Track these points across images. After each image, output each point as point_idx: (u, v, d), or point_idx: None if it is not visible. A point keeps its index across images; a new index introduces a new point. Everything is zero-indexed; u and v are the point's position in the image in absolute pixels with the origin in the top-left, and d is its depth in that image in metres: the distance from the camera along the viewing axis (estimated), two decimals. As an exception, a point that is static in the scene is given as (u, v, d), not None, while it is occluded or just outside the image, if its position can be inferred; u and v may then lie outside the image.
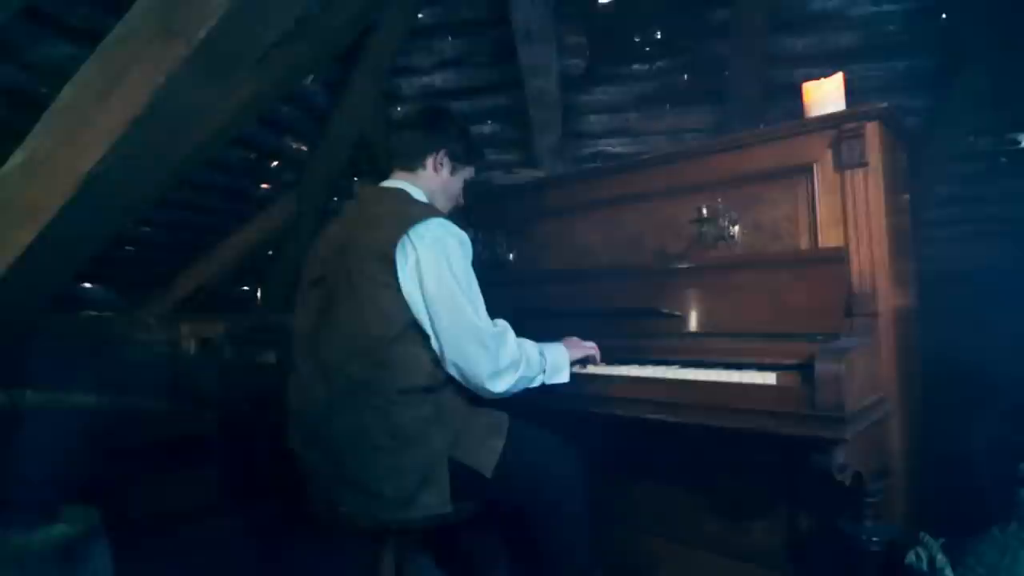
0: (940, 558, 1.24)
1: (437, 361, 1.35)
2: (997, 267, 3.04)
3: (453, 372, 1.35)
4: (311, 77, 2.80)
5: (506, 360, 1.37)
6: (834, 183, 1.58)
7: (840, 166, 1.56)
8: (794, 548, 1.63)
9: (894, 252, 1.58)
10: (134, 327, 3.29)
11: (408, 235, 1.33)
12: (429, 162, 1.59)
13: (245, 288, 4.18)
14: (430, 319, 1.33)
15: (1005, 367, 2.52)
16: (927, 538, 1.30)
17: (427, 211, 1.41)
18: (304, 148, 3.28)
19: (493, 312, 1.43)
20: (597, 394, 1.61)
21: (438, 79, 2.95)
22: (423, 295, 1.33)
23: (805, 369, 1.34)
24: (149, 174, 1.51)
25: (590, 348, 1.64)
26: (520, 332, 1.48)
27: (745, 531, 1.73)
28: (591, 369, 1.65)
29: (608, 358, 1.68)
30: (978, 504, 2.19)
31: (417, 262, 1.33)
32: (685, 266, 1.79)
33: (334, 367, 1.34)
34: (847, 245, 1.54)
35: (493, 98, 2.99)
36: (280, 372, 3.60)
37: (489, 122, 3.12)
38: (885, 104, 1.52)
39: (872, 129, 1.53)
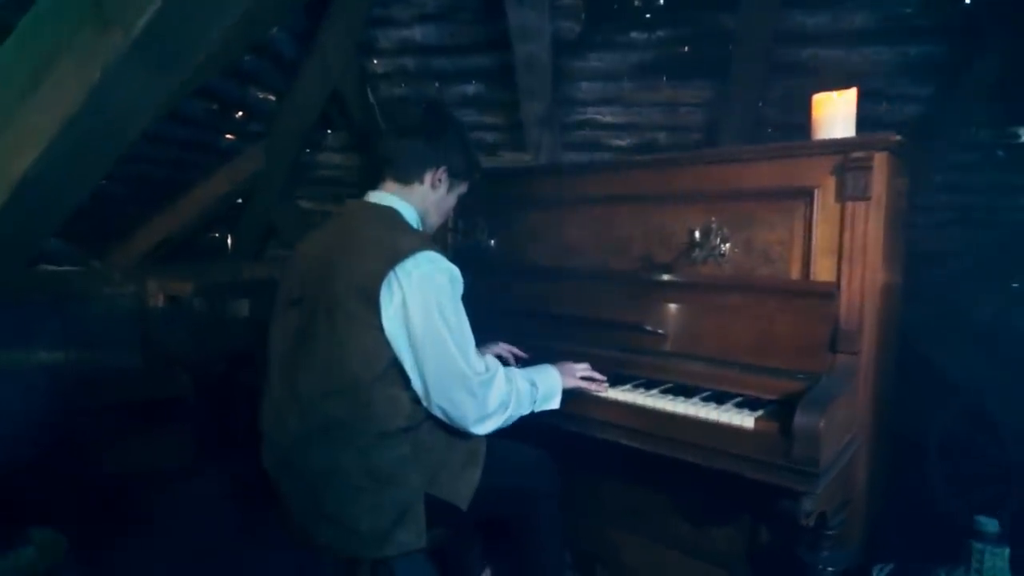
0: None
1: (417, 399, 1.31)
2: (972, 251, 3.11)
3: (438, 414, 1.31)
4: (275, 28, 2.56)
5: (494, 404, 1.34)
6: (834, 212, 1.51)
7: (842, 196, 1.49)
8: (754, 558, 1.69)
9: (886, 286, 1.55)
10: (98, 282, 3.16)
11: (395, 272, 1.25)
12: (427, 178, 1.47)
13: (215, 235, 4.02)
14: (416, 361, 1.27)
15: (966, 357, 2.60)
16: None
17: (416, 242, 1.30)
18: (272, 98, 3.06)
19: (473, 304, 1.37)
20: (577, 414, 1.59)
21: (418, 33, 2.72)
22: (408, 336, 1.26)
23: (785, 408, 1.34)
24: (91, 171, 1.37)
25: (584, 383, 1.58)
26: (501, 329, 1.43)
27: (709, 535, 1.78)
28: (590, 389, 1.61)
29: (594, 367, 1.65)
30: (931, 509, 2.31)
31: (403, 302, 1.25)
32: (672, 280, 1.74)
33: (311, 402, 1.29)
34: (839, 279, 1.50)
35: (478, 58, 2.79)
36: (253, 325, 3.55)
37: (473, 82, 2.92)
38: (898, 137, 1.43)
39: (880, 161, 1.45)
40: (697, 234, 1.71)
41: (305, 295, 1.36)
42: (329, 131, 3.35)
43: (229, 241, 4.05)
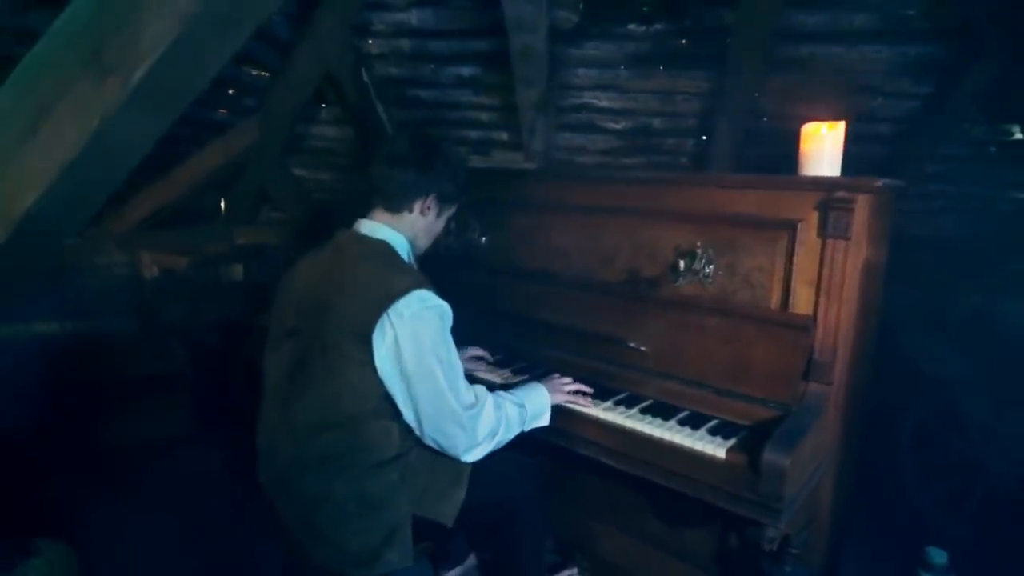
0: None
1: (407, 428, 1.39)
2: (958, 236, 3.19)
3: (431, 444, 1.40)
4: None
5: (483, 434, 1.42)
6: (814, 247, 1.56)
7: (824, 233, 1.53)
8: (723, 560, 1.82)
9: (861, 319, 1.61)
10: (91, 252, 3.18)
11: (387, 313, 1.30)
12: (416, 206, 1.51)
13: (208, 200, 4.00)
14: (408, 397, 1.34)
15: (942, 352, 2.71)
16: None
17: (407, 282, 1.34)
18: (265, 74, 2.99)
19: (466, 301, 1.45)
20: (561, 429, 1.67)
21: (414, 17, 2.64)
22: (401, 373, 1.33)
23: (757, 437, 1.43)
24: (88, 205, 1.39)
25: (573, 398, 1.67)
26: (491, 331, 1.49)
27: (681, 535, 1.91)
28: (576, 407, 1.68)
29: (574, 380, 1.73)
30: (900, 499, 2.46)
31: (396, 341, 1.31)
32: (657, 296, 1.80)
33: (306, 433, 1.36)
34: (816, 312, 1.55)
35: (474, 42, 2.72)
36: (248, 291, 3.59)
37: (468, 65, 2.86)
38: (880, 183, 1.46)
39: (862, 203, 1.48)
40: (683, 254, 1.75)
41: (300, 328, 1.41)
42: (323, 106, 3.29)
43: (222, 205, 4.03)
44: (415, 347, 1.31)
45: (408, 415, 1.36)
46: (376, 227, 1.48)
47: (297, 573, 1.48)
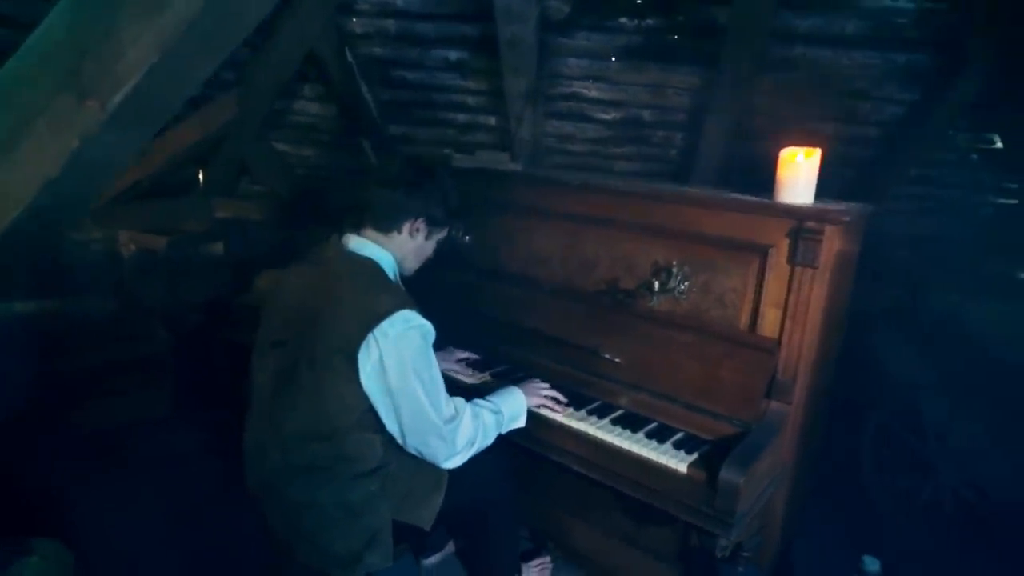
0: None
1: (389, 440, 1.45)
2: (937, 237, 3.27)
3: (413, 452, 1.46)
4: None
5: (462, 444, 1.48)
6: (784, 272, 1.61)
7: (793, 259, 1.58)
8: (684, 556, 1.92)
9: (823, 342, 1.67)
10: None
11: (373, 334, 1.34)
12: (405, 227, 1.53)
13: (187, 172, 3.94)
14: (391, 410, 1.40)
15: (908, 355, 2.81)
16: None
17: (392, 303, 1.38)
18: (245, 48, 2.91)
19: (449, 300, 1.56)
20: (536, 437, 1.74)
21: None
22: (385, 389, 1.38)
23: (717, 451, 1.50)
24: (69, 214, 1.39)
25: (548, 403, 1.73)
26: (474, 332, 1.57)
27: (647, 531, 2.00)
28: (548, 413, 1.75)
29: (551, 385, 1.80)
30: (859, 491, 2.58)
31: (380, 359, 1.35)
32: (633, 309, 1.84)
33: (292, 443, 1.41)
34: (781, 334, 1.62)
35: (462, 26, 2.67)
36: (228, 269, 3.58)
37: (456, 48, 2.82)
38: (848, 218, 1.51)
39: (830, 233, 1.53)
40: (660, 269, 1.80)
41: (287, 340, 1.45)
42: (305, 84, 3.23)
43: (201, 177, 3.97)
44: (399, 365, 1.36)
45: (391, 427, 1.42)
46: (364, 244, 1.50)
47: (282, 569, 1.55)
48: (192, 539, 2.17)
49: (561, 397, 1.76)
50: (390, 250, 1.53)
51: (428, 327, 1.43)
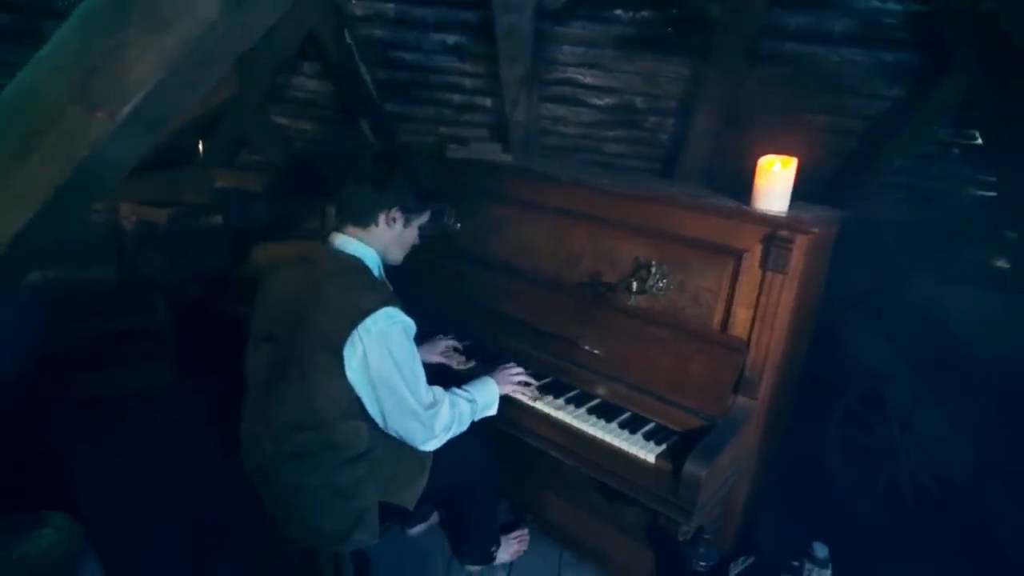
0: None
1: (374, 427, 1.55)
2: (916, 223, 3.37)
3: (394, 435, 1.56)
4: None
5: (440, 429, 1.59)
6: (756, 276, 1.70)
7: (765, 264, 1.67)
8: (652, 533, 2.07)
9: (790, 343, 1.78)
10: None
11: (357, 331, 1.42)
12: (381, 219, 1.59)
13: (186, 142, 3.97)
14: (374, 399, 1.49)
15: (876, 345, 2.94)
16: (728, 574, 1.75)
17: (375, 300, 1.46)
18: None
19: (435, 284, 1.74)
20: (514, 420, 1.86)
21: (399, -13, 2.60)
22: (369, 381, 1.47)
23: (685, 443, 1.62)
24: (76, 214, 1.47)
25: (520, 388, 1.85)
26: (456, 318, 1.80)
27: (619, 509, 2.14)
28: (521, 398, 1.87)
29: (533, 374, 1.92)
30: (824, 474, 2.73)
31: (364, 354, 1.44)
32: (613, 303, 1.94)
33: (283, 432, 1.51)
34: (751, 335, 1.72)
35: (460, 12, 2.69)
36: (230, 241, 3.66)
37: (453, 33, 2.84)
38: (818, 229, 1.59)
39: (801, 243, 1.61)
40: (641, 266, 1.89)
41: (276, 336, 1.53)
42: (305, 62, 3.25)
43: (201, 148, 4.01)
44: (381, 360, 1.45)
45: (374, 413, 1.52)
46: (348, 242, 1.58)
47: (276, 543, 1.69)
48: (191, 508, 2.28)
49: (532, 380, 1.88)
50: (372, 244, 1.59)
51: (409, 323, 1.51)
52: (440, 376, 1.97)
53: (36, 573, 1.46)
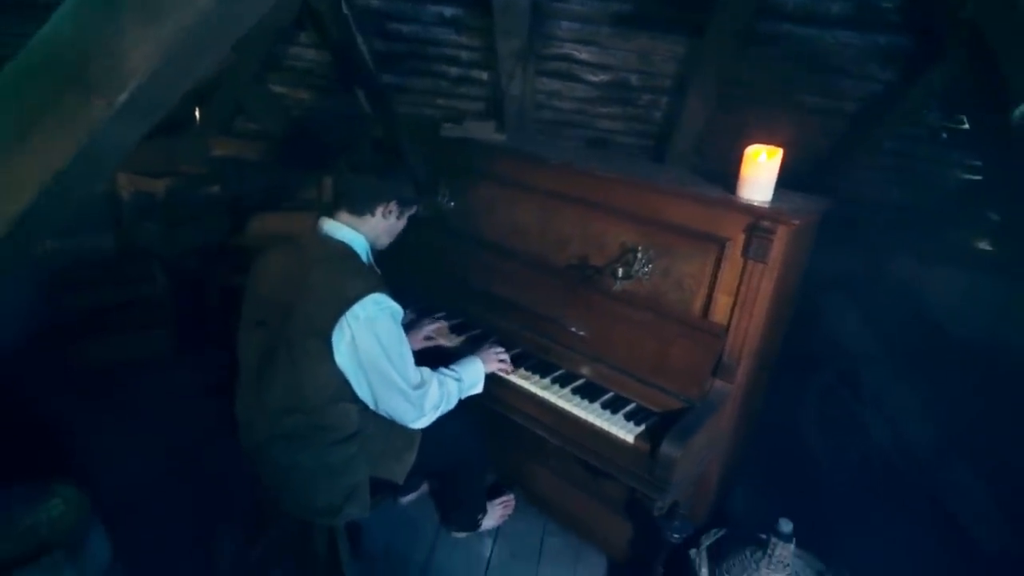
0: (704, 560, 1.80)
1: (364, 408, 1.61)
2: (903, 204, 3.42)
3: (384, 415, 1.63)
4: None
5: (428, 408, 1.66)
6: (737, 264, 1.75)
7: (747, 253, 1.72)
8: (631, 506, 2.17)
9: (768, 329, 1.85)
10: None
11: (345, 317, 1.47)
12: (379, 211, 1.63)
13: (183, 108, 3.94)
14: (364, 382, 1.55)
15: (855, 325, 3.02)
16: (700, 545, 1.85)
17: (363, 287, 1.50)
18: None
19: (427, 261, 1.85)
20: (502, 399, 1.94)
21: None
22: (358, 365, 1.52)
23: (664, 423, 1.71)
24: (76, 199, 1.51)
25: (503, 365, 1.91)
26: (447, 295, 1.89)
27: (600, 482, 2.24)
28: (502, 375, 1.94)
29: (521, 353, 2.00)
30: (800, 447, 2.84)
31: (352, 340, 1.49)
32: (599, 286, 2.00)
33: (275, 414, 1.57)
34: (730, 321, 1.79)
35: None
36: (227, 211, 3.68)
37: (451, 7, 2.81)
38: (799, 221, 1.64)
39: (782, 234, 1.66)
40: (627, 251, 1.94)
41: (267, 320, 1.58)
42: (302, 31, 3.21)
43: (197, 115, 3.99)
44: (370, 345, 1.50)
45: (364, 395, 1.58)
46: (338, 228, 1.61)
47: (272, 515, 1.78)
48: (192, 477, 2.36)
49: (507, 358, 1.95)
50: (363, 232, 1.63)
51: (396, 308, 1.56)
52: (429, 352, 2.05)
53: (46, 542, 1.54)
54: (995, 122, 2.55)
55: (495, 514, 2.33)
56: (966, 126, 2.80)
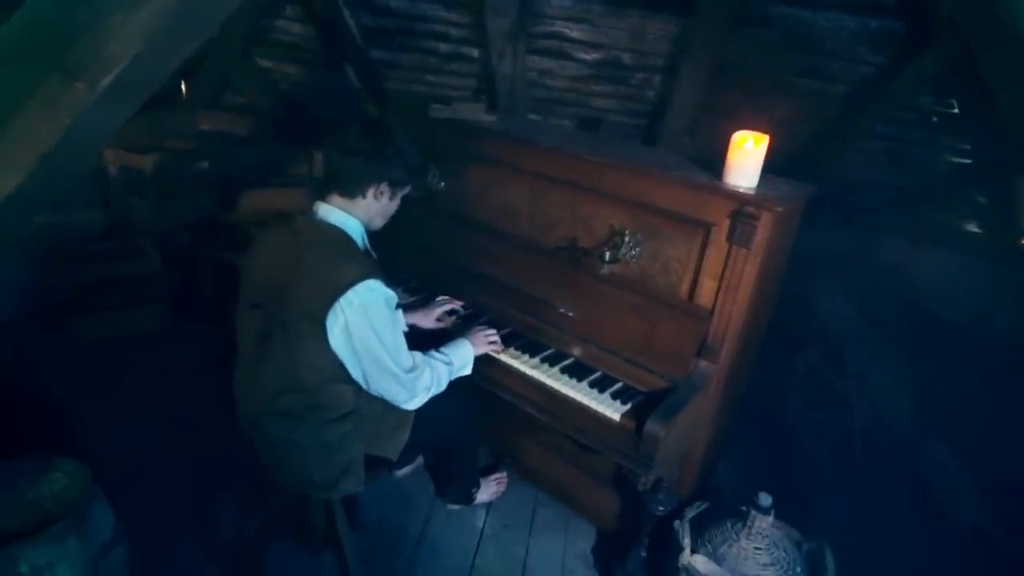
0: (687, 531, 1.88)
1: (358, 388, 1.65)
2: (893, 185, 3.47)
3: (377, 395, 1.66)
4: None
5: (420, 390, 1.69)
6: (722, 249, 1.78)
7: (732, 238, 1.75)
8: (618, 480, 2.24)
9: (751, 313, 1.88)
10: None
11: (339, 302, 1.48)
12: (370, 192, 1.62)
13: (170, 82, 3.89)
14: (357, 365, 1.58)
15: (840, 307, 3.08)
16: (684, 517, 1.92)
17: (356, 272, 1.50)
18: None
19: (418, 242, 1.89)
20: (493, 378, 1.98)
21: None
22: (351, 349, 1.55)
23: (649, 403, 1.75)
24: (61, 184, 1.51)
25: (494, 347, 1.95)
26: (444, 277, 1.92)
27: (588, 457, 2.30)
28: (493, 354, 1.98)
29: (511, 333, 2.03)
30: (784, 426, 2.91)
31: (346, 325, 1.51)
32: (588, 268, 2.02)
33: (270, 394, 1.60)
34: (715, 304, 1.82)
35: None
36: (217, 186, 3.66)
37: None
38: (782, 207, 1.66)
39: (766, 220, 1.69)
40: (616, 233, 1.96)
41: (263, 304, 1.60)
42: (288, 5, 3.16)
43: (184, 88, 3.93)
44: (363, 330, 1.52)
45: (357, 377, 1.61)
46: (331, 211, 1.61)
47: (269, 487, 1.82)
48: (190, 449, 2.40)
49: (497, 339, 1.98)
50: (356, 215, 1.63)
51: (390, 294, 1.57)
52: (420, 331, 2.08)
53: (49, 515, 1.58)
54: (983, 107, 2.57)
55: (489, 490, 2.39)
56: (956, 111, 2.82)
